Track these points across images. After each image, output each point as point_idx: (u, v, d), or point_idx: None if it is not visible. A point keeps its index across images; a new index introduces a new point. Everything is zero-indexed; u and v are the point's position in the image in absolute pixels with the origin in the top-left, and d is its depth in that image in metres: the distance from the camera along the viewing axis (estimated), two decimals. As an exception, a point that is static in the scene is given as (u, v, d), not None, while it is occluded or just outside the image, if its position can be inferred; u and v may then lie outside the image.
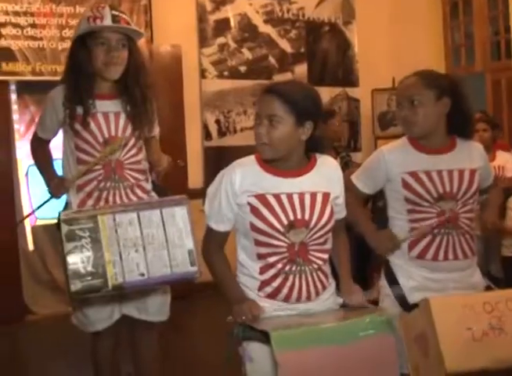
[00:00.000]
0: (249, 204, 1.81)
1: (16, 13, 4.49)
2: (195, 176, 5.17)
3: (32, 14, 4.54)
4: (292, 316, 1.82)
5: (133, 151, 2.42)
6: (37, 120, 2.55)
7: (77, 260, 2.06)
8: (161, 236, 2.14)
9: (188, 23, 5.30)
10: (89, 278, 2.06)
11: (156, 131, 2.57)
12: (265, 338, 1.66)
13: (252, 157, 1.87)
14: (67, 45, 4.54)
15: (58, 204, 2.44)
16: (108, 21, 2.31)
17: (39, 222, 4.56)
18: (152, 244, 2.13)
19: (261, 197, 1.81)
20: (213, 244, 1.90)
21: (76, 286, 2.05)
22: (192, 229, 2.17)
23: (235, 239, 1.90)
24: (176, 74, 5.09)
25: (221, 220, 1.86)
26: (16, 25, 4.48)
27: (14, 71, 4.46)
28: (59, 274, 4.34)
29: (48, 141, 2.53)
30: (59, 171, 2.47)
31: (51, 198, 2.43)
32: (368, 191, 2.25)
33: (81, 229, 2.06)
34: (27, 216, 3.66)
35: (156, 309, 2.43)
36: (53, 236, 4.40)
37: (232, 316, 1.80)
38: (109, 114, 2.39)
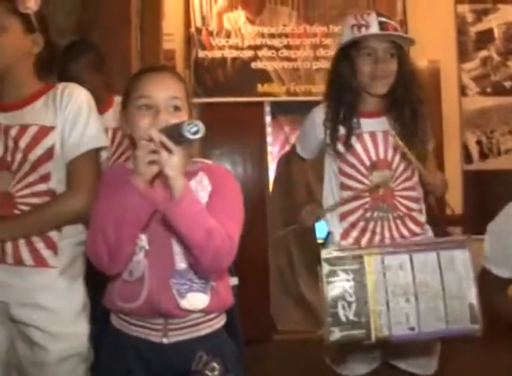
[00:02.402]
0: None
1: (272, 35, 4.53)
2: (453, 202, 4.70)
3: (287, 35, 4.55)
4: None
5: (404, 176, 2.12)
6: (294, 137, 2.39)
7: (338, 305, 1.80)
8: (437, 285, 1.79)
9: (446, 37, 4.89)
10: (350, 327, 1.79)
11: (430, 146, 2.22)
12: None
13: None
14: (321, 64, 4.52)
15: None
16: (375, 29, 2.04)
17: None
18: (425, 293, 1.79)
19: None
20: None
21: (335, 335, 1.79)
22: (475, 279, 1.79)
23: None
24: (434, 91, 4.69)
25: None
26: (271, 47, 4.52)
27: (269, 92, 4.47)
28: (310, 295, 4.31)
29: (305, 159, 2.35)
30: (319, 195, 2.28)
31: (298, 225, 2.25)
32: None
33: (345, 270, 1.79)
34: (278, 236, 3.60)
35: (425, 361, 2.10)
36: (306, 255, 4.47)
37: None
38: (376, 134, 2.11)
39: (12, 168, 1.63)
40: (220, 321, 1.61)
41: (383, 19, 2.08)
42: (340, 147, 2.12)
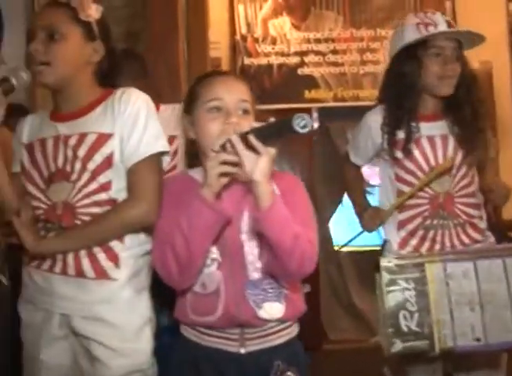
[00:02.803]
0: None
1: (318, 41, 4.49)
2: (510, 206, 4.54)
3: (333, 40, 4.50)
4: None
5: (465, 181, 2.03)
6: (349, 143, 2.32)
7: (399, 316, 1.73)
8: (503, 293, 1.72)
9: (498, 37, 4.73)
10: (412, 338, 1.72)
11: (493, 152, 2.15)
12: None
13: None
14: (368, 69, 4.46)
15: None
16: (443, 27, 1.99)
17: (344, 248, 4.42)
18: (491, 302, 1.72)
19: None
20: None
21: (396, 347, 1.73)
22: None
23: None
24: (487, 94, 4.56)
25: None
26: (317, 52, 4.48)
27: (316, 98, 4.41)
28: (361, 304, 4.26)
29: (360, 167, 2.29)
30: (374, 202, 2.23)
31: (363, 232, 2.22)
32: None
33: (405, 279, 1.73)
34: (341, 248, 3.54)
35: (490, 374, 1.99)
36: (358, 264, 4.37)
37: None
38: (435, 138, 2.04)
39: (72, 178, 1.59)
40: (295, 329, 1.57)
41: (447, 18, 2.06)
42: (398, 152, 2.05)
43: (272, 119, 1.37)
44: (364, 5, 4.51)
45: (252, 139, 1.33)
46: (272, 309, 1.49)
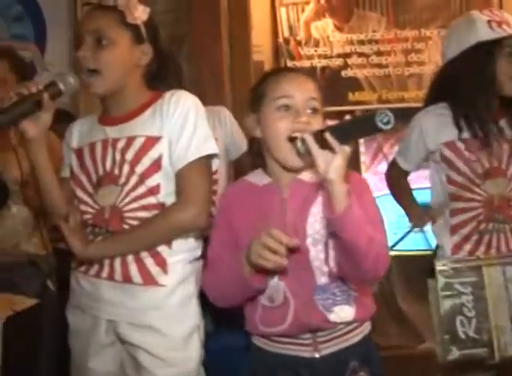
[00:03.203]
0: None
1: (361, 42, 4.41)
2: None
3: (376, 41, 4.42)
4: None
5: None
6: (396, 148, 2.25)
7: (456, 322, 1.66)
8: None
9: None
10: (470, 346, 1.66)
11: None
12: None
13: None
14: (413, 70, 4.36)
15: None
16: None
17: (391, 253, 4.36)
18: (554, 307, 1.63)
19: None
20: None
21: (453, 354, 1.67)
22: None
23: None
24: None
25: None
26: (361, 54, 4.40)
27: (361, 100, 4.34)
28: (408, 309, 4.18)
29: (409, 172, 2.22)
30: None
31: (411, 231, 2.18)
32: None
33: (462, 283, 1.66)
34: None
35: None
36: (405, 269, 4.30)
37: None
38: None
39: (120, 182, 1.57)
40: (367, 327, 1.53)
41: None
42: (449, 154, 1.98)
43: (348, 117, 1.32)
44: (408, 5, 4.42)
45: (328, 136, 1.28)
46: (343, 312, 1.45)
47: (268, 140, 1.48)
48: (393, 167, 2.25)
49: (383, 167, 4.12)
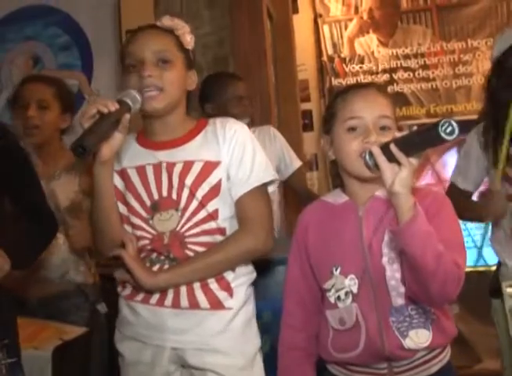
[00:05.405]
0: None
1: (407, 56, 4.36)
2: None
3: (422, 55, 4.36)
4: None
5: None
6: (454, 170, 2.16)
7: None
8: None
9: None
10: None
11: None
12: None
13: None
14: (462, 82, 4.27)
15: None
16: None
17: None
18: None
19: None
20: None
21: None
22: None
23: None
24: None
25: None
26: (407, 68, 4.35)
27: (408, 115, 4.27)
28: (465, 329, 3.93)
29: (471, 193, 2.13)
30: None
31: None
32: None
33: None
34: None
35: None
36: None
37: None
38: None
39: (180, 207, 1.56)
40: (446, 355, 1.45)
41: None
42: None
43: (415, 127, 1.28)
44: (453, 17, 4.34)
45: (394, 148, 1.24)
46: (419, 337, 1.38)
47: (340, 161, 1.46)
48: (451, 190, 2.13)
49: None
